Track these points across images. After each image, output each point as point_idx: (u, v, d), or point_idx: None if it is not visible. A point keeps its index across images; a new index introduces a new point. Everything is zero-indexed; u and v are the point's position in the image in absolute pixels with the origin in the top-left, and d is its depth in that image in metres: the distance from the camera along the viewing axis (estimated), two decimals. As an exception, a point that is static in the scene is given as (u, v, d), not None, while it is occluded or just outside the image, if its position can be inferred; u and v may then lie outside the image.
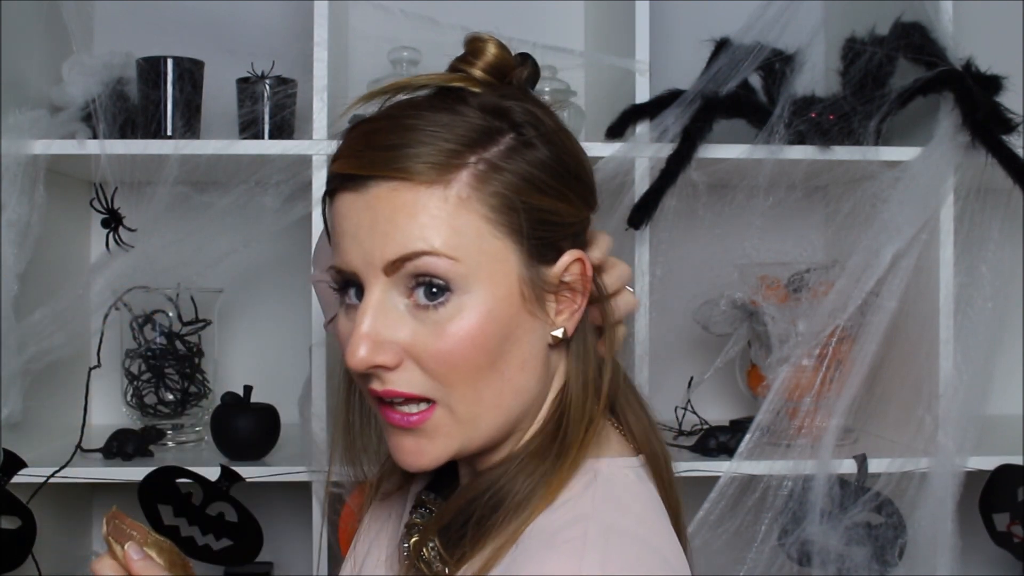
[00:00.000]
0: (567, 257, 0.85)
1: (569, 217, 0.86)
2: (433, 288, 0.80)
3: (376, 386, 0.82)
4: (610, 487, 0.83)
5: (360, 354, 0.80)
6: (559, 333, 0.85)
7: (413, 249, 0.79)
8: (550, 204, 0.84)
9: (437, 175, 0.80)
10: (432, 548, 0.86)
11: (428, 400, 0.82)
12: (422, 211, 0.79)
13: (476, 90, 0.85)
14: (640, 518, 0.82)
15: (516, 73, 0.89)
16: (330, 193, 0.85)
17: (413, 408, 0.82)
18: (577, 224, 0.87)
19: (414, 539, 0.90)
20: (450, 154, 0.80)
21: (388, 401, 0.83)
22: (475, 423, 0.83)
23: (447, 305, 0.80)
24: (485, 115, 0.83)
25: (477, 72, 0.86)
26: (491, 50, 0.87)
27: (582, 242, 0.88)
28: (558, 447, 0.85)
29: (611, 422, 0.91)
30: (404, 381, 0.81)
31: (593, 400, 0.87)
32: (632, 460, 0.88)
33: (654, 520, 0.83)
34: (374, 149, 0.81)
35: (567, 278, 0.85)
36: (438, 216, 0.80)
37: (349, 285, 0.84)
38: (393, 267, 0.80)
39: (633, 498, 0.83)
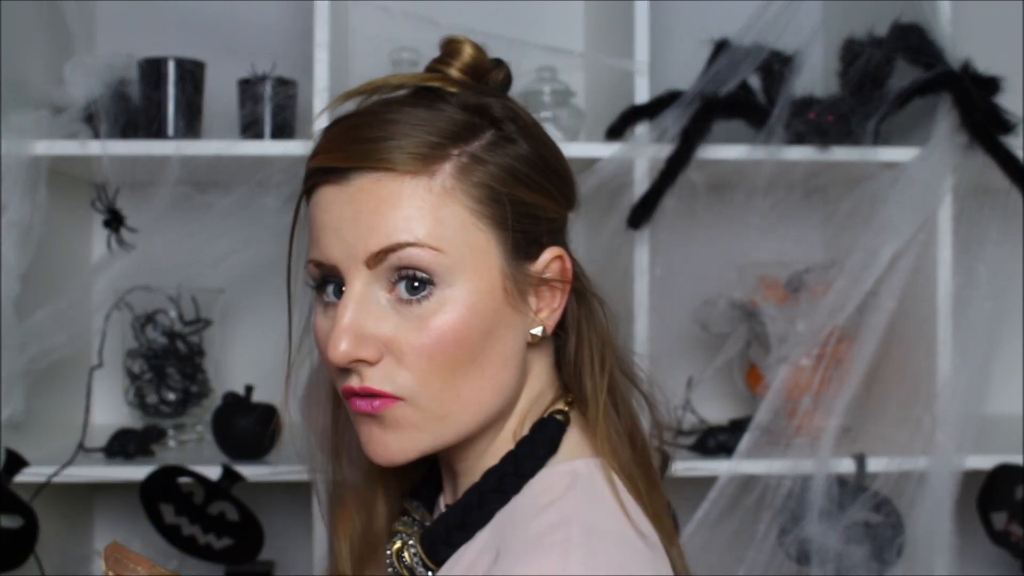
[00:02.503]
0: (548, 254, 0.86)
1: (550, 212, 0.86)
2: (415, 282, 0.80)
3: (354, 383, 0.81)
4: (590, 488, 0.83)
5: (342, 348, 0.79)
6: (538, 331, 0.85)
7: (397, 240, 0.79)
8: (533, 198, 0.84)
9: (422, 165, 0.80)
10: (414, 554, 0.87)
11: (398, 399, 0.81)
12: (407, 202, 0.79)
13: (453, 90, 0.86)
14: (623, 518, 0.81)
15: (492, 75, 0.89)
16: (309, 190, 0.85)
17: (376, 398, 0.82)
18: (557, 220, 0.88)
19: (396, 545, 0.90)
20: (434, 146, 0.80)
21: (358, 394, 0.82)
22: (449, 419, 0.82)
23: (430, 299, 0.80)
24: (466, 111, 0.83)
25: (454, 72, 0.87)
26: (467, 51, 0.88)
27: (562, 240, 0.89)
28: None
29: (574, 411, 0.90)
30: (381, 378, 0.81)
31: (604, 409, 0.87)
32: (600, 460, 0.86)
33: (639, 518, 0.83)
34: (356, 142, 0.81)
35: (547, 275, 0.85)
36: (422, 207, 0.79)
37: (327, 282, 0.84)
38: (376, 259, 0.80)
39: (613, 497, 0.83)
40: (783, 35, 1.53)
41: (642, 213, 1.46)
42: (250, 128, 1.58)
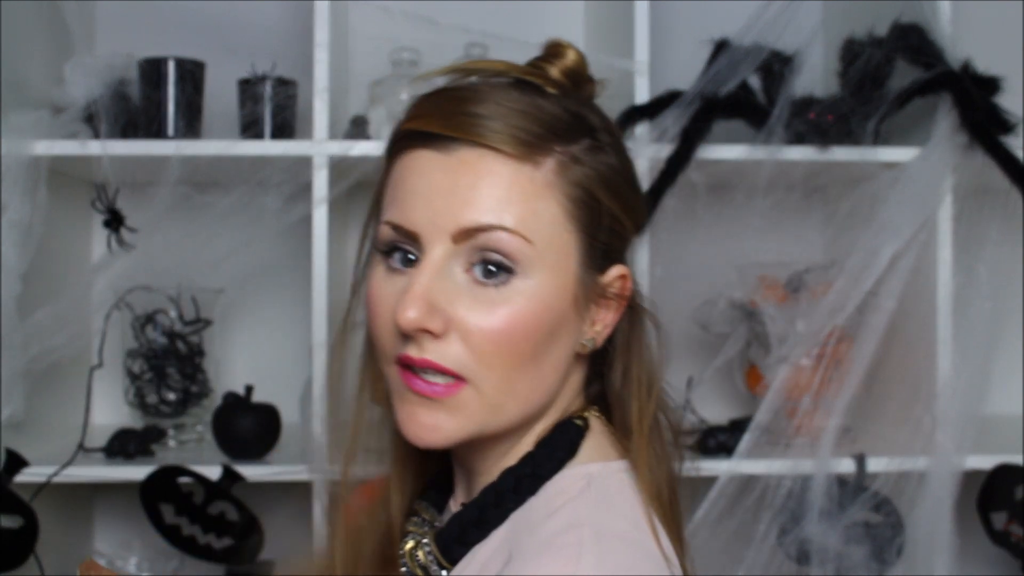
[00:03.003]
0: (616, 270, 0.86)
1: (626, 229, 0.87)
2: (492, 266, 0.79)
3: (413, 352, 0.79)
4: (604, 491, 0.83)
5: (410, 314, 0.77)
6: (589, 343, 0.86)
7: (490, 221, 0.78)
8: (617, 211, 0.85)
9: (527, 153, 0.79)
10: (428, 553, 0.87)
11: (459, 377, 0.80)
12: (508, 185, 0.79)
13: (552, 90, 0.85)
14: (635, 522, 0.81)
15: (587, 87, 0.89)
16: (399, 149, 0.83)
17: (439, 379, 0.80)
18: (628, 240, 0.88)
19: (409, 545, 0.90)
20: (540, 137, 0.80)
21: (414, 370, 0.80)
22: (501, 410, 0.82)
23: (506, 286, 0.79)
24: (567, 113, 0.83)
25: (555, 72, 0.86)
26: (571, 56, 0.88)
27: (625, 259, 0.89)
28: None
29: (599, 419, 0.90)
30: (442, 353, 0.79)
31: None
32: (623, 463, 0.87)
33: (647, 523, 0.83)
34: (464, 114, 0.79)
35: (609, 291, 0.86)
36: (522, 194, 0.79)
37: (397, 248, 0.82)
38: (465, 235, 0.78)
39: (626, 501, 0.83)
40: (783, 35, 1.53)
41: (642, 213, 1.46)
42: (250, 128, 1.58)
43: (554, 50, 0.88)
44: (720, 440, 1.51)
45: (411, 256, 0.81)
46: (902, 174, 1.49)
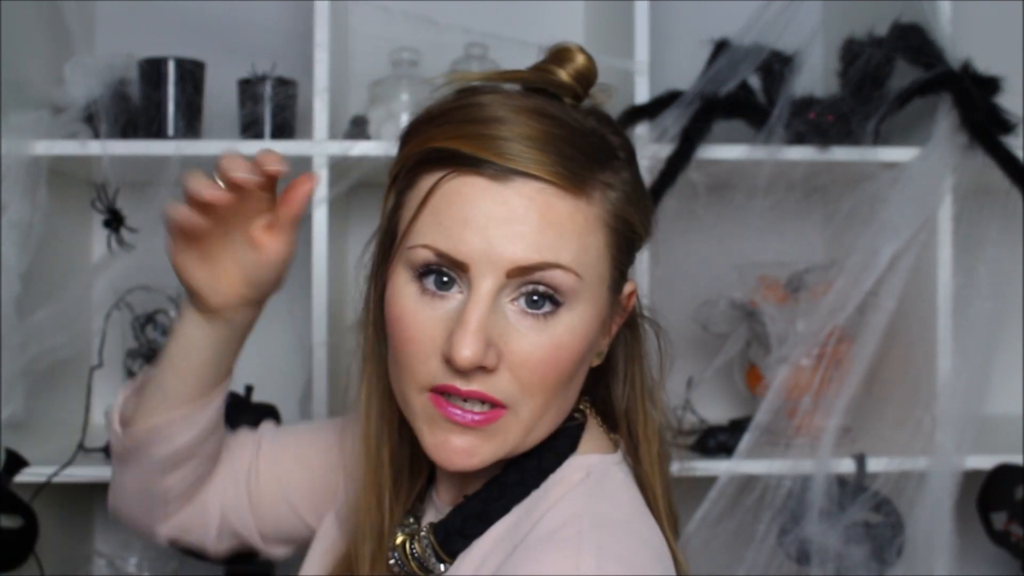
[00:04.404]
0: (628, 287, 0.87)
1: (642, 242, 0.87)
2: (538, 297, 0.78)
3: (460, 384, 0.78)
4: (601, 483, 0.84)
5: (466, 352, 0.75)
6: (601, 355, 0.87)
7: (546, 259, 0.77)
8: (640, 226, 0.85)
9: (581, 186, 0.78)
10: (427, 546, 0.87)
11: (501, 405, 0.79)
12: (564, 221, 0.77)
13: (568, 100, 0.85)
14: (630, 512, 0.83)
15: (599, 96, 0.89)
16: (434, 168, 0.79)
17: (479, 408, 0.79)
18: (638, 250, 0.88)
19: (399, 539, 0.89)
20: (586, 167, 0.79)
21: (450, 397, 0.79)
22: (533, 431, 0.82)
23: (553, 317, 0.78)
24: (595, 134, 0.82)
25: (565, 77, 0.85)
26: (580, 59, 0.86)
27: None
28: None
29: (591, 412, 0.91)
30: (492, 385, 0.78)
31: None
32: (617, 456, 0.89)
33: (644, 513, 0.85)
34: (516, 141, 0.77)
35: (620, 304, 0.87)
36: (575, 230, 0.78)
37: (431, 271, 0.79)
38: (521, 272, 0.77)
39: (623, 493, 0.85)
40: (783, 35, 1.53)
41: (642, 213, 1.46)
42: (250, 128, 1.58)
43: (563, 54, 0.87)
44: (720, 440, 1.51)
45: (446, 279, 0.79)
46: (902, 174, 1.49)
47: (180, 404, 0.95)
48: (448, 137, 0.79)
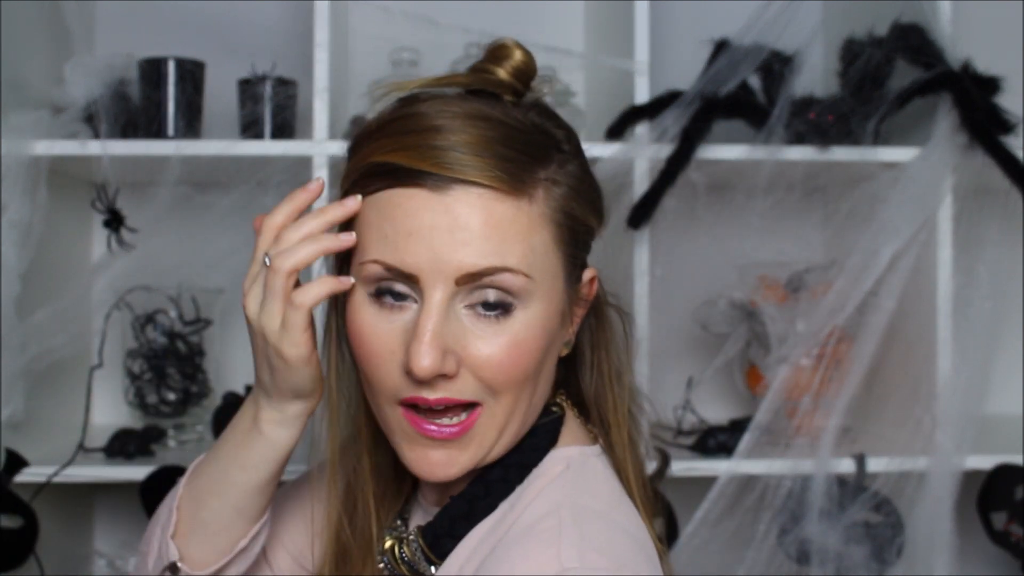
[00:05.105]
0: (587, 274, 0.87)
1: (594, 231, 0.88)
2: (493, 301, 0.79)
3: (427, 394, 0.79)
4: (581, 474, 0.85)
5: (424, 363, 0.77)
6: (568, 345, 0.88)
7: (493, 264, 0.78)
8: (589, 217, 0.86)
9: (522, 187, 0.79)
10: (416, 549, 0.87)
11: (475, 404, 0.81)
12: (507, 225, 0.78)
13: (509, 98, 0.85)
14: (610, 502, 0.84)
15: (538, 87, 0.89)
16: (374, 183, 0.80)
17: (453, 420, 0.81)
18: (595, 238, 0.89)
19: (387, 543, 0.90)
20: (527, 167, 0.80)
21: (422, 411, 0.81)
22: (507, 430, 0.83)
23: (508, 316, 0.79)
24: (536, 130, 0.83)
25: (503, 75, 0.85)
26: (517, 55, 0.87)
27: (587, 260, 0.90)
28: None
29: (568, 405, 0.92)
30: (457, 389, 0.80)
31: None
32: (596, 447, 0.90)
33: (623, 502, 0.86)
34: (451, 149, 0.78)
35: (582, 294, 0.87)
36: (520, 232, 0.79)
37: (386, 286, 0.80)
38: (469, 279, 0.78)
39: (602, 483, 0.86)
40: (783, 35, 1.53)
41: (642, 213, 1.46)
42: (250, 128, 1.58)
43: (500, 52, 0.87)
44: (720, 440, 1.51)
45: (400, 291, 0.80)
46: (902, 174, 1.49)
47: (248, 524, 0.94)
48: (387, 151, 0.79)
